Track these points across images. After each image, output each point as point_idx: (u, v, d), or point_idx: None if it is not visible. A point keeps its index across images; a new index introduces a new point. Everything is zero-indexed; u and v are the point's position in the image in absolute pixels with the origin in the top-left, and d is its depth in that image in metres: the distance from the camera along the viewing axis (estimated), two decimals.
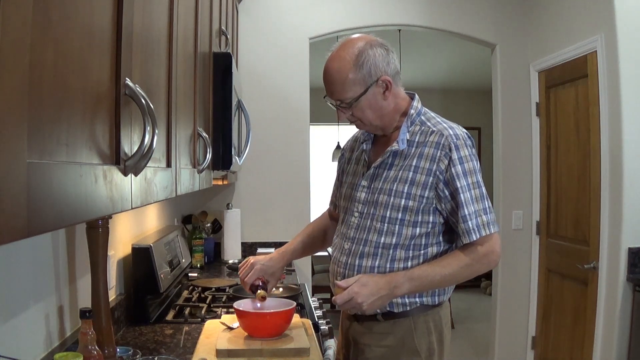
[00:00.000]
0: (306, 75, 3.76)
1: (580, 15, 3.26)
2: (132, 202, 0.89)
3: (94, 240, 1.46)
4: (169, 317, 2.14)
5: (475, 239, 1.55)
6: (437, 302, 1.64)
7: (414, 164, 1.59)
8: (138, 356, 1.58)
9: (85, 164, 0.69)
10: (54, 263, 1.48)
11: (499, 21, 3.89)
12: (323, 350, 1.90)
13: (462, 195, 1.54)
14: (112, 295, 1.92)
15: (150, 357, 1.59)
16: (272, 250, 3.49)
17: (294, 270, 3.22)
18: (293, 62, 3.74)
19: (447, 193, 1.56)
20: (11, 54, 0.49)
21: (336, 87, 1.59)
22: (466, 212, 1.54)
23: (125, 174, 0.85)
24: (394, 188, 1.59)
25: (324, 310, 2.44)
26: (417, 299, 1.62)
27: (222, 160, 2.04)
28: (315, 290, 5.18)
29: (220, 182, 2.91)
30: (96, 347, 1.26)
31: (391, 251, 1.61)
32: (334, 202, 1.96)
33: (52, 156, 0.60)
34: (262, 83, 3.69)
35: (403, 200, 1.58)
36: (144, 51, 0.99)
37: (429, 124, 1.63)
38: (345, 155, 1.88)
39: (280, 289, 2.41)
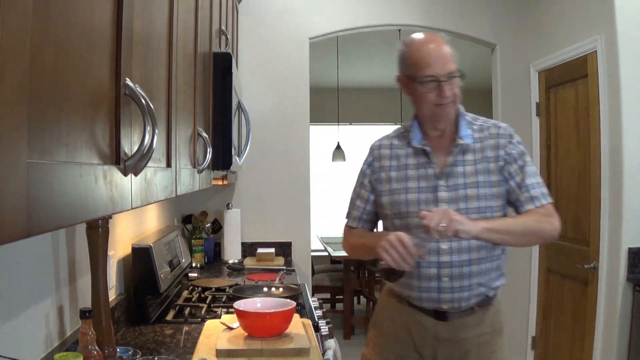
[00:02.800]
0: (306, 75, 3.76)
1: (580, 15, 3.26)
2: (132, 202, 0.89)
3: (94, 240, 1.46)
4: (169, 317, 2.14)
5: (542, 203, 1.70)
6: (505, 284, 1.81)
7: (485, 154, 1.73)
8: (138, 356, 1.58)
9: (85, 164, 0.69)
10: (54, 263, 1.48)
11: (499, 21, 3.89)
12: (323, 351, 1.90)
13: (527, 168, 1.72)
14: (112, 295, 1.92)
15: (150, 357, 1.59)
16: (272, 250, 3.50)
17: (293, 270, 3.22)
18: (293, 62, 3.74)
19: (514, 169, 1.72)
20: (11, 54, 0.49)
21: (446, 59, 1.67)
22: (532, 181, 1.71)
23: (125, 174, 0.85)
24: (478, 180, 1.71)
25: (324, 310, 2.44)
26: (501, 281, 1.78)
27: (222, 160, 2.03)
28: (315, 290, 5.18)
29: (220, 182, 2.91)
30: (96, 347, 1.26)
31: None
32: (359, 218, 1.88)
33: (52, 156, 0.60)
34: (262, 83, 3.69)
35: (488, 189, 1.71)
36: (144, 51, 0.99)
37: (477, 122, 1.79)
38: (378, 165, 1.83)
39: (280, 289, 2.41)
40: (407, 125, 1.83)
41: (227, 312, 2.12)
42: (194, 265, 3.22)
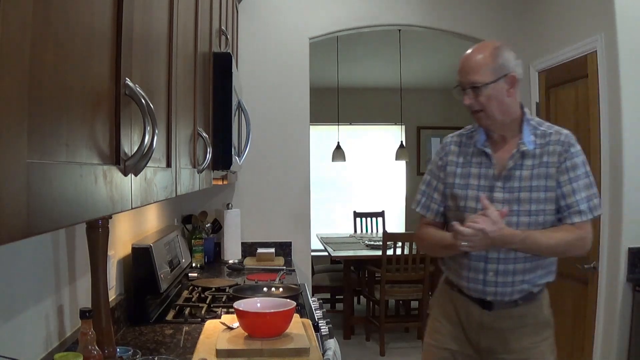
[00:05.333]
0: (306, 75, 3.76)
1: (580, 15, 3.26)
2: (132, 202, 0.89)
3: (94, 240, 1.46)
4: (169, 317, 2.14)
5: (585, 219, 1.79)
6: (552, 280, 1.89)
7: (544, 160, 1.80)
8: (138, 356, 1.58)
9: (85, 164, 0.69)
10: (54, 263, 1.48)
11: (498, 21, 3.89)
12: (323, 351, 1.90)
13: (580, 181, 1.78)
14: (112, 295, 1.92)
15: (150, 357, 1.59)
16: (272, 250, 3.50)
17: (294, 270, 3.22)
18: (293, 62, 3.74)
19: (564, 179, 1.78)
20: (11, 54, 0.49)
21: (471, 69, 1.79)
22: (583, 195, 1.78)
23: (125, 174, 0.85)
24: (533, 184, 1.78)
25: (324, 310, 2.44)
26: (548, 279, 1.86)
27: (222, 160, 2.03)
28: (315, 290, 5.18)
29: (220, 182, 2.91)
30: (96, 347, 1.26)
31: None
32: (436, 210, 1.96)
33: (52, 156, 0.60)
34: (262, 83, 3.69)
35: (542, 193, 1.78)
36: (144, 51, 0.99)
37: (542, 127, 1.85)
38: (448, 159, 1.93)
39: (280, 289, 2.41)
40: (477, 126, 1.92)
41: (227, 312, 2.12)
42: (194, 265, 3.22)
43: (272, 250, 3.50)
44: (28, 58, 0.53)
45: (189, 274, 2.90)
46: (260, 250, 3.47)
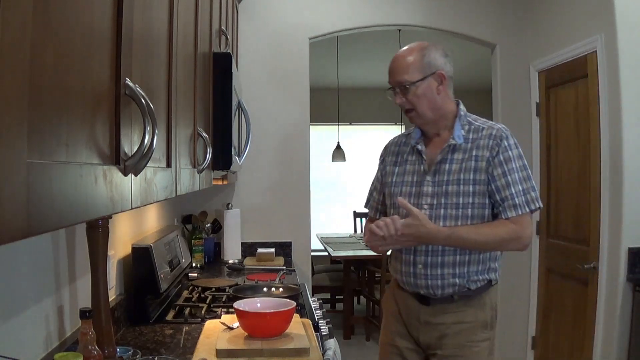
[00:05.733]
0: (306, 75, 3.76)
1: (580, 15, 3.26)
2: (132, 202, 0.89)
3: (94, 240, 1.46)
4: (169, 317, 2.14)
5: (522, 212, 1.77)
6: (497, 280, 1.87)
7: (474, 153, 1.81)
8: (138, 356, 1.58)
9: (85, 164, 0.69)
10: (54, 263, 1.48)
11: (499, 21, 3.89)
12: (323, 351, 1.90)
13: (515, 175, 1.78)
14: (112, 295, 1.92)
15: (150, 357, 1.59)
16: (272, 250, 3.50)
17: (294, 270, 3.22)
18: (293, 62, 3.74)
19: (497, 173, 1.78)
20: (11, 54, 0.49)
21: (398, 70, 1.83)
22: (518, 189, 1.77)
23: (125, 174, 0.85)
24: (461, 177, 1.80)
25: (324, 310, 2.44)
26: (487, 276, 1.83)
27: (222, 160, 2.03)
28: (315, 290, 5.18)
29: (220, 182, 2.91)
30: (96, 347, 1.26)
31: None
32: (375, 208, 2.06)
33: (52, 156, 0.60)
34: (262, 83, 3.69)
35: (471, 186, 1.79)
36: (144, 51, 0.99)
37: (477, 123, 1.87)
38: (387, 160, 2.01)
39: (280, 289, 2.41)
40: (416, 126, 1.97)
41: (227, 312, 2.12)
42: (194, 265, 3.22)
43: (272, 250, 3.50)
44: (28, 58, 0.53)
45: (189, 274, 2.90)
46: (260, 250, 3.47)
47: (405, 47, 1.89)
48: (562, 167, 3.54)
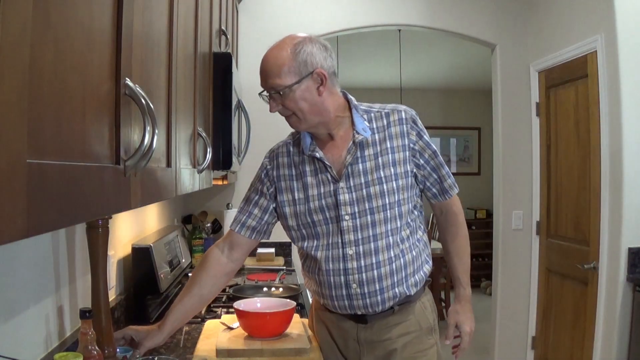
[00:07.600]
0: None
1: (580, 15, 3.26)
2: (132, 202, 0.89)
3: (94, 240, 1.46)
4: None
5: (454, 193, 1.72)
6: (429, 277, 1.74)
7: (389, 145, 1.61)
8: (138, 356, 1.58)
9: (85, 164, 0.69)
10: (54, 263, 1.48)
11: (499, 21, 3.89)
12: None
13: (437, 158, 1.67)
14: (112, 295, 1.92)
15: (150, 357, 1.59)
16: (272, 250, 3.50)
17: (294, 270, 3.22)
18: None
19: (425, 158, 1.65)
20: (11, 54, 0.49)
21: (270, 73, 1.56)
22: (445, 171, 1.68)
23: (125, 174, 0.85)
24: (381, 175, 1.58)
25: None
26: (423, 272, 1.68)
27: (222, 160, 2.04)
28: None
29: (220, 182, 2.91)
30: (96, 347, 1.26)
31: (399, 234, 1.61)
32: (252, 228, 1.70)
33: (52, 156, 0.60)
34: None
35: (394, 183, 1.59)
36: (144, 51, 0.99)
37: (374, 109, 1.66)
38: (278, 174, 1.70)
39: (280, 289, 2.41)
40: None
41: (227, 312, 2.12)
42: (194, 265, 3.22)
43: (272, 250, 3.50)
44: (28, 58, 0.53)
45: (189, 274, 2.90)
46: (260, 250, 3.47)
47: (276, 44, 1.58)
48: (562, 167, 3.54)
